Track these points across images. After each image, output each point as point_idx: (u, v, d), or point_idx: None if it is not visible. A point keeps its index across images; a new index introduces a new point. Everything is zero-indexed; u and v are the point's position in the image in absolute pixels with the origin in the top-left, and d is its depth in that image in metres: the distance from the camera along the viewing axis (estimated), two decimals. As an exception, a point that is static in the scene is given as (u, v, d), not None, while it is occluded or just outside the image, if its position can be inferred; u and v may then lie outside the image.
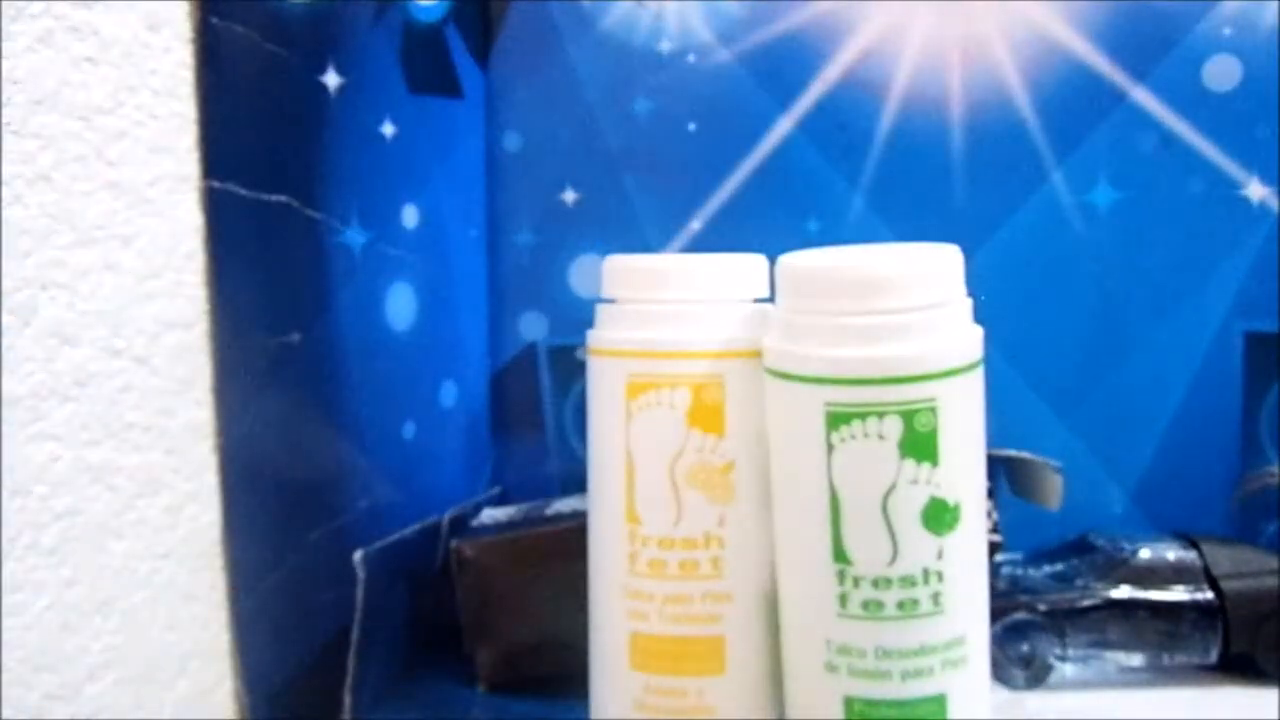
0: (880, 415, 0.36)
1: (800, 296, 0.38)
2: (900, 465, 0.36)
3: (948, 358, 0.37)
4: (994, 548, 0.57)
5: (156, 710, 0.43)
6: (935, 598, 0.36)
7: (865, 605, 0.36)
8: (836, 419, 0.36)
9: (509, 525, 0.58)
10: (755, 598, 0.41)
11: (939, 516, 0.36)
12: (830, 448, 0.36)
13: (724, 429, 0.41)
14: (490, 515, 0.61)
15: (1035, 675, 0.54)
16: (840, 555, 0.37)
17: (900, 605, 0.36)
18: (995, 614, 0.56)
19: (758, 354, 0.40)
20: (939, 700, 0.37)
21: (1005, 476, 0.59)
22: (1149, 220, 0.62)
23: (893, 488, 0.36)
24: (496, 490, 0.68)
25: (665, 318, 0.41)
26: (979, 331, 0.39)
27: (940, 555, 0.36)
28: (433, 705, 0.55)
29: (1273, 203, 0.61)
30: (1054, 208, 0.63)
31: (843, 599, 0.37)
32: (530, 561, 0.55)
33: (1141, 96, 0.62)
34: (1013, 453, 0.58)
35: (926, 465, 0.36)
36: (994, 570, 0.58)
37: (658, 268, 0.43)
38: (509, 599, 0.55)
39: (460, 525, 0.59)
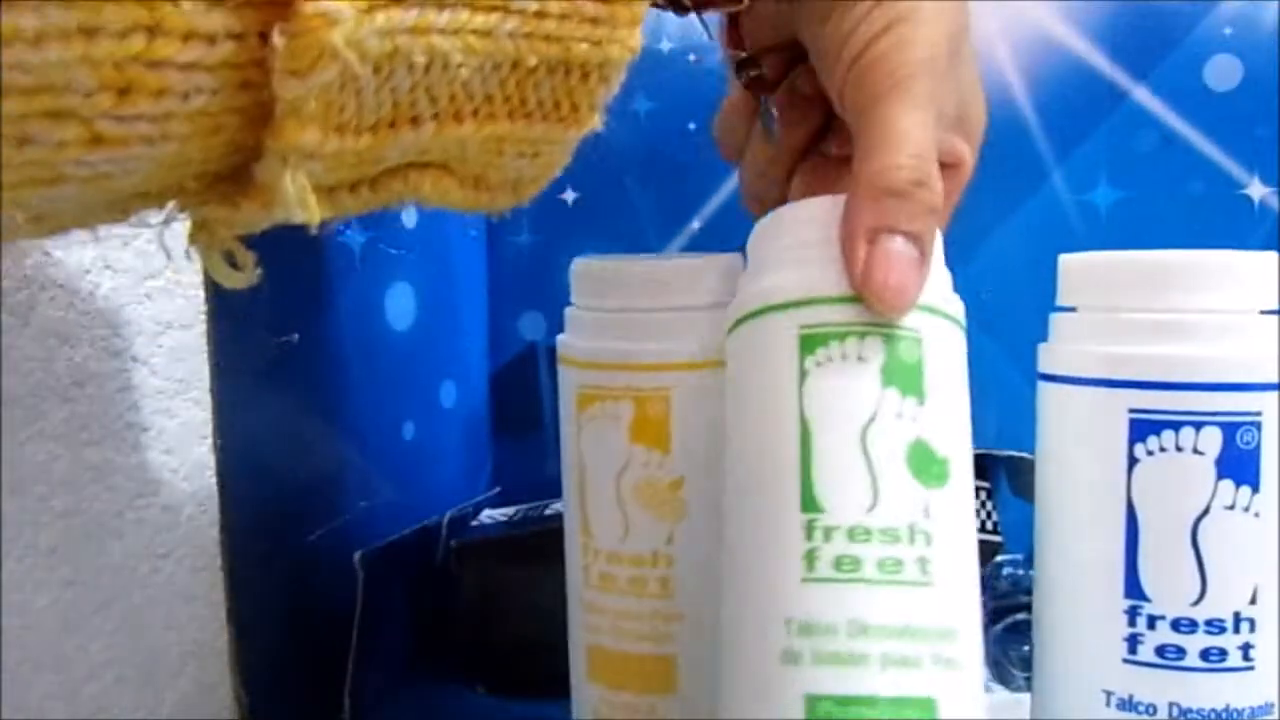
0: (861, 335, 0.31)
1: (767, 238, 0.35)
2: (882, 394, 0.31)
3: (930, 294, 0.32)
4: (994, 548, 0.57)
5: (156, 710, 0.43)
6: (923, 564, 0.30)
7: (839, 563, 0.30)
8: (811, 342, 0.31)
9: (509, 525, 0.58)
10: (708, 618, 0.36)
11: (926, 463, 0.31)
12: (804, 375, 0.31)
13: (669, 445, 0.38)
14: (490, 515, 0.61)
15: (1035, 675, 0.54)
16: (809, 501, 0.30)
17: (881, 565, 0.30)
18: (995, 614, 0.56)
19: (709, 365, 0.37)
20: (927, 703, 0.29)
21: (1005, 476, 0.59)
22: (1149, 220, 0.62)
23: (873, 419, 0.31)
24: (496, 490, 0.68)
25: (612, 326, 0.39)
26: (959, 302, 0.34)
27: (928, 512, 0.30)
28: (433, 705, 0.55)
29: (1273, 203, 0.61)
30: (1054, 208, 0.63)
31: (810, 558, 0.30)
32: (530, 561, 0.55)
33: (1142, 96, 0.62)
34: (1013, 453, 0.58)
35: (912, 400, 0.31)
36: (994, 570, 0.58)
37: (606, 272, 0.40)
38: (509, 599, 0.55)
39: (460, 525, 0.59)
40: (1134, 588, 0.34)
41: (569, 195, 0.66)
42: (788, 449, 0.31)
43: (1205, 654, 0.33)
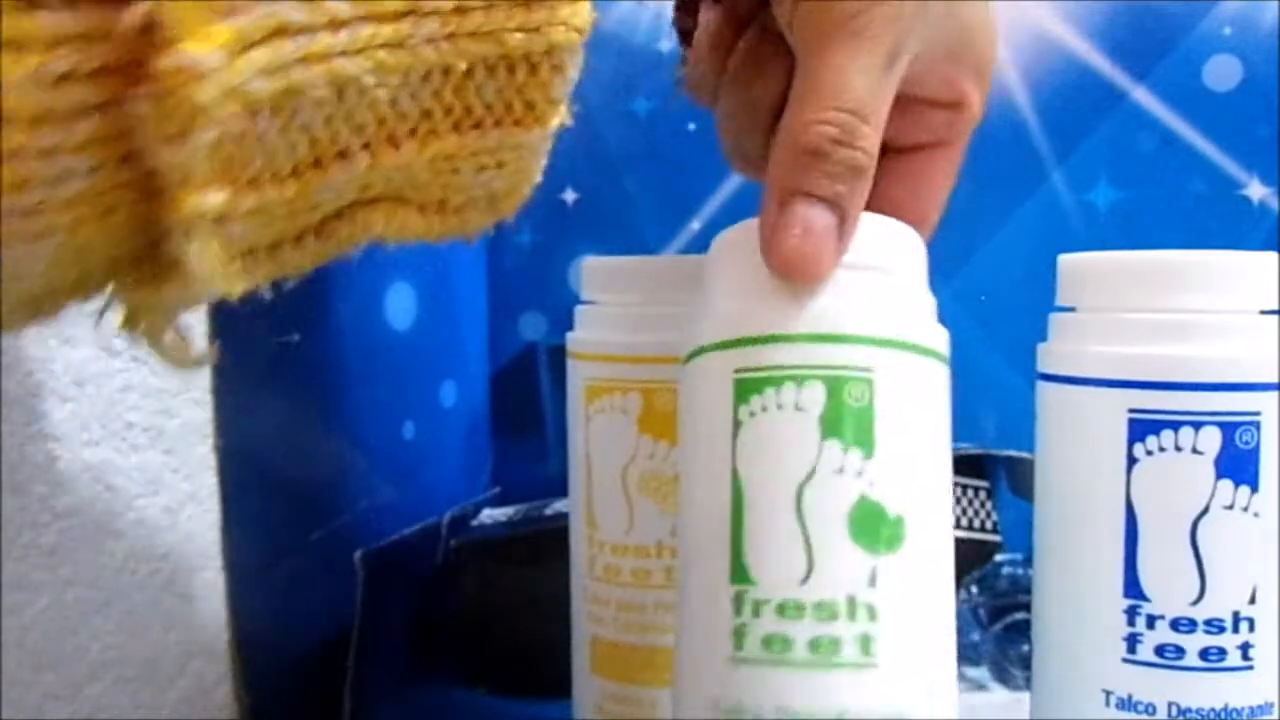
0: (799, 381, 0.27)
1: (713, 264, 0.32)
2: (821, 447, 0.27)
3: (886, 325, 0.29)
4: (994, 548, 0.57)
5: (156, 710, 0.43)
6: (864, 643, 0.26)
7: (767, 642, 0.26)
8: (745, 388, 0.28)
9: (509, 525, 0.58)
10: None
11: (872, 525, 0.27)
12: (737, 425, 0.28)
13: (676, 437, 0.40)
14: (490, 515, 0.61)
15: (1035, 675, 0.54)
16: (740, 573, 0.27)
17: (813, 645, 0.26)
18: (995, 614, 0.56)
19: None
20: None
21: (1005, 476, 0.59)
22: (1149, 220, 0.62)
23: (810, 475, 0.27)
24: (496, 490, 0.68)
25: (622, 320, 0.41)
26: (939, 332, 0.31)
27: (873, 581, 0.27)
28: (433, 705, 0.55)
29: (1273, 203, 0.61)
30: (1054, 208, 0.63)
31: (739, 635, 0.27)
32: (530, 561, 0.55)
33: (1141, 96, 0.62)
34: (1013, 453, 0.58)
35: (857, 453, 0.27)
36: (994, 570, 0.58)
37: (617, 270, 0.42)
38: (509, 599, 0.55)
39: (460, 525, 0.59)
40: (1133, 587, 0.34)
41: (569, 195, 0.66)
42: (719, 511, 0.28)
43: (1204, 654, 0.33)
